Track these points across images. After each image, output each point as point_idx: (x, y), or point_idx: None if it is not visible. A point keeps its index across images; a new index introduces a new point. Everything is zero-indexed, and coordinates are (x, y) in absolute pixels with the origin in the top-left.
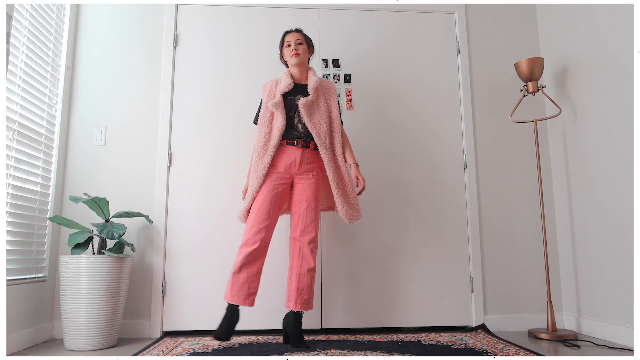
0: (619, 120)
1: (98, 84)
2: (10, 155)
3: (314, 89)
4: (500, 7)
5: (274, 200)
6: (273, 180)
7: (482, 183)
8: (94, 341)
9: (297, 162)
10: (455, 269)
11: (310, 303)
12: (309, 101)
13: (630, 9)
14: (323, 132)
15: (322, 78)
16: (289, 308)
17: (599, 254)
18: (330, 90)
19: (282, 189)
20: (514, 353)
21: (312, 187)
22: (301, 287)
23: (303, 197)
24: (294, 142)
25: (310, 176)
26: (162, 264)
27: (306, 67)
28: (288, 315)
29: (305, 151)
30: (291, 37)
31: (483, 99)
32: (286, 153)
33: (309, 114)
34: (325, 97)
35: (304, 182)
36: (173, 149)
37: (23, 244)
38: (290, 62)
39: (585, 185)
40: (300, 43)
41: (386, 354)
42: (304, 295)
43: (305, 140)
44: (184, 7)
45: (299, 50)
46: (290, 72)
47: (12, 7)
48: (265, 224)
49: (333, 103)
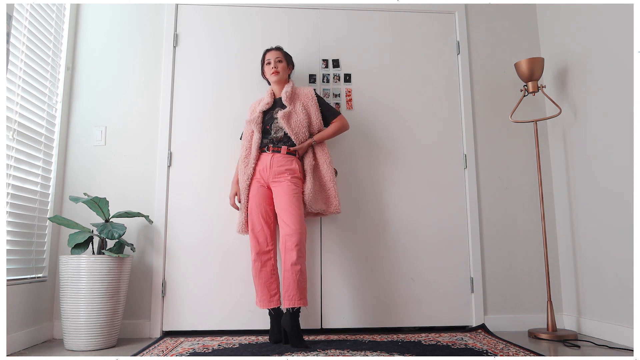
0: (619, 120)
1: (98, 84)
2: (10, 155)
3: (287, 100)
4: (500, 7)
5: (259, 202)
6: (255, 187)
7: (482, 183)
8: (94, 341)
9: (267, 166)
10: (455, 269)
11: (297, 299)
12: (286, 112)
13: (630, 9)
14: (302, 136)
15: (299, 87)
16: (283, 307)
17: (599, 254)
18: (307, 96)
19: (263, 191)
20: (514, 353)
21: (285, 189)
22: (286, 283)
23: (278, 200)
24: (265, 149)
25: (282, 179)
26: (162, 264)
27: (285, 82)
28: (285, 314)
29: (275, 155)
30: (271, 55)
31: (483, 99)
32: (261, 160)
33: (287, 122)
34: (303, 103)
35: (277, 186)
36: (173, 149)
37: (23, 244)
38: (270, 80)
39: (586, 185)
40: (279, 61)
41: (386, 354)
42: (290, 292)
43: (275, 145)
44: (184, 7)
45: (278, 68)
46: (272, 90)
47: (12, 7)
48: (259, 228)
49: (312, 108)
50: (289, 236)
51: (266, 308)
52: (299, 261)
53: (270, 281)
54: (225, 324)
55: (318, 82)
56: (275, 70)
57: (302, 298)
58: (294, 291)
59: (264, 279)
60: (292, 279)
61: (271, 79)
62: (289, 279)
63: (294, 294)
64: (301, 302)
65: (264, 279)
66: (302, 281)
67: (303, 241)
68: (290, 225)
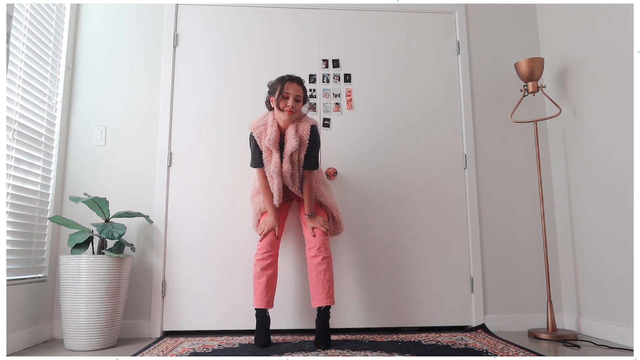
0: (619, 120)
1: (98, 83)
2: (10, 155)
3: (291, 149)
4: (500, 7)
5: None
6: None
7: (482, 183)
8: (94, 341)
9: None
10: (455, 269)
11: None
12: (289, 178)
13: (630, 9)
14: (298, 191)
15: (301, 121)
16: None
17: (599, 254)
18: (301, 139)
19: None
20: (514, 353)
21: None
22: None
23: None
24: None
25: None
26: (162, 264)
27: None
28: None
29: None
30: (292, 90)
31: (483, 99)
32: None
33: (292, 182)
34: (300, 149)
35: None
36: (173, 149)
37: (23, 244)
38: (280, 116)
39: (586, 185)
40: (298, 100)
41: (386, 354)
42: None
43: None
44: (184, 7)
45: (294, 108)
46: (277, 120)
47: (12, 7)
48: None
49: (302, 153)
50: None
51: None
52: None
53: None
54: (225, 324)
55: (318, 82)
56: (291, 110)
57: (313, 298)
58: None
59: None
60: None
61: (281, 116)
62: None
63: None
64: (313, 302)
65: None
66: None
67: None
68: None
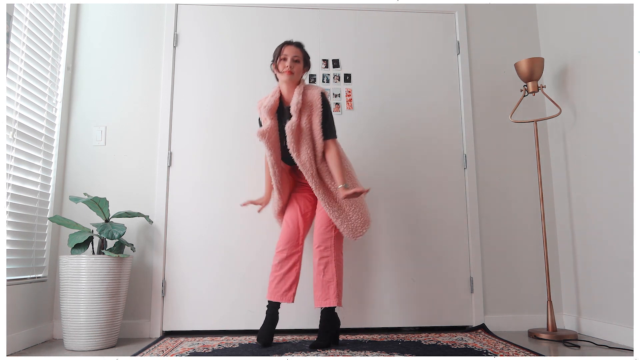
0: (619, 120)
1: (98, 83)
2: (10, 155)
3: (296, 111)
4: (500, 7)
5: None
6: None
7: (482, 183)
8: (94, 341)
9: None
10: (455, 269)
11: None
12: (292, 141)
13: (630, 9)
14: (309, 164)
15: (309, 87)
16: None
17: (599, 254)
18: (312, 104)
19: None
20: (514, 353)
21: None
22: None
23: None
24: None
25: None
26: (162, 264)
27: (296, 84)
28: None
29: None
30: (289, 51)
31: (483, 99)
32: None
33: (297, 150)
34: (308, 115)
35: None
36: (173, 149)
37: (23, 244)
38: (281, 78)
39: (585, 185)
40: (297, 60)
41: (386, 354)
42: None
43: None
44: (184, 7)
45: (293, 68)
46: (280, 89)
47: (12, 7)
48: None
49: (315, 119)
50: None
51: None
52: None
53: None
54: (225, 324)
55: (318, 82)
56: (289, 70)
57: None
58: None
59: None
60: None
61: (282, 78)
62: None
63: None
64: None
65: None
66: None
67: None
68: None
